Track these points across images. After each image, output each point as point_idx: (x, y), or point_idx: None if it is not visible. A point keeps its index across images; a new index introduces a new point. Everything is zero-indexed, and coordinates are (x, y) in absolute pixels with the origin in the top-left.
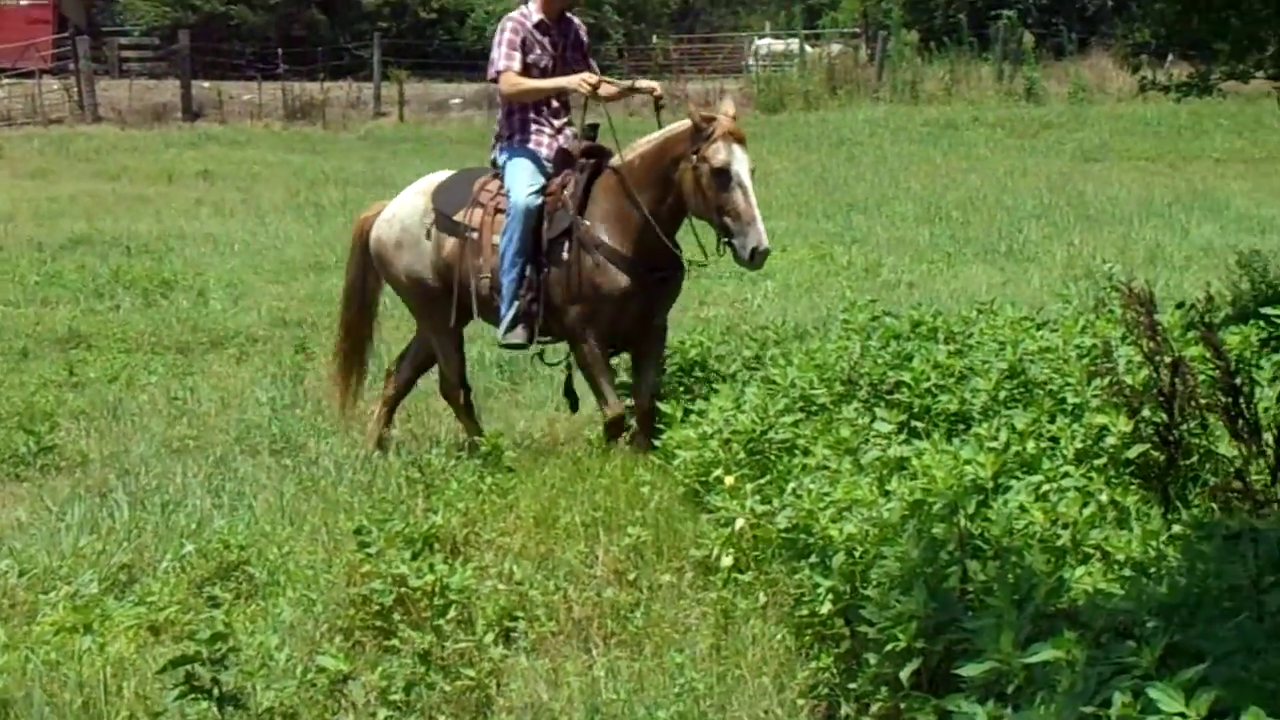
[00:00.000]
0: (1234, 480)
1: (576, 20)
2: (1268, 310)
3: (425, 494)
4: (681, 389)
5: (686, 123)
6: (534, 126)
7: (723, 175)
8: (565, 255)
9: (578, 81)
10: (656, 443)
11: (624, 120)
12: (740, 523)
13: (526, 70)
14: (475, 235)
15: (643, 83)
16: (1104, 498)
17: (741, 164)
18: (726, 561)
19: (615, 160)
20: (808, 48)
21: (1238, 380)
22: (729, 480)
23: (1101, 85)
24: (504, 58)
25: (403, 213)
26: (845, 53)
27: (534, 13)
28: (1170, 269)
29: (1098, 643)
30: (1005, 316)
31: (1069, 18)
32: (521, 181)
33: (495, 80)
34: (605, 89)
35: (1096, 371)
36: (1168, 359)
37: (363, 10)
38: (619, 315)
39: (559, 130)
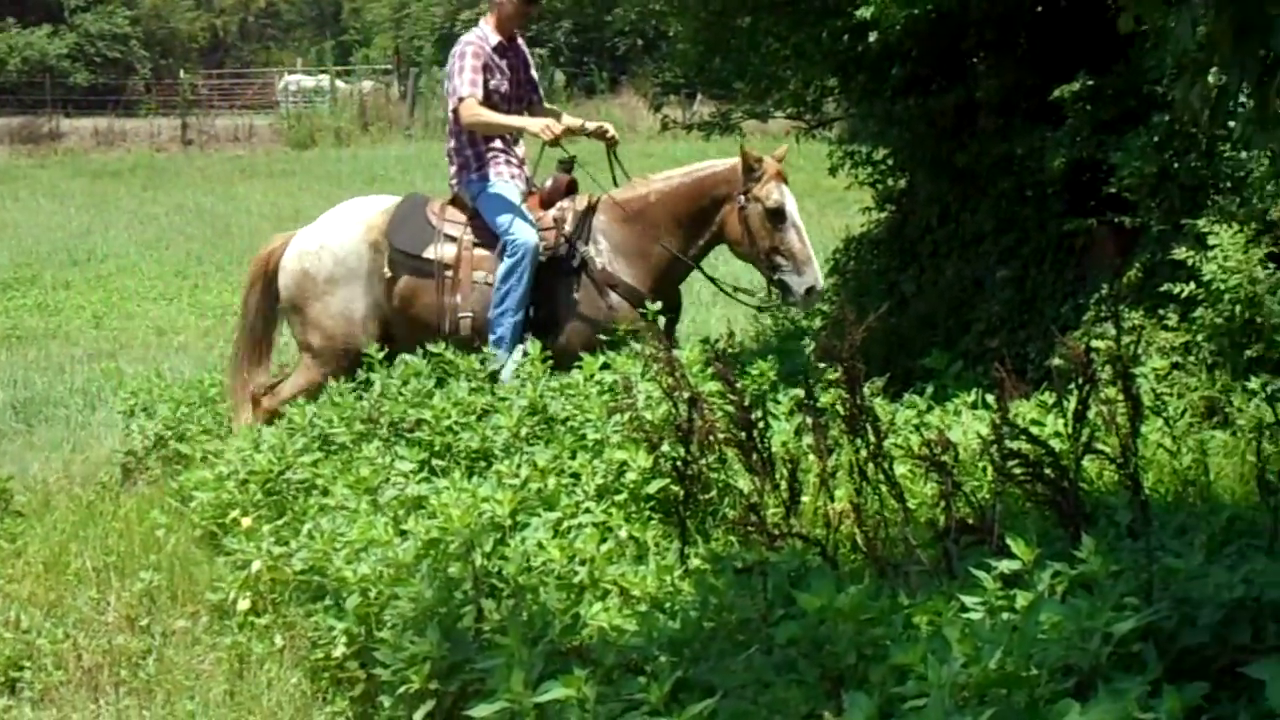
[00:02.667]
0: (749, 514)
1: (523, 43)
2: (788, 345)
3: None
4: (201, 429)
5: (723, 163)
6: (502, 157)
7: (778, 215)
8: (575, 294)
9: (540, 127)
10: None
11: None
12: (257, 565)
13: (487, 96)
14: (451, 273)
15: (590, 124)
16: (623, 533)
17: (792, 204)
18: (243, 605)
19: (619, 194)
20: (340, 84)
21: (753, 415)
22: (246, 522)
23: (633, 124)
24: (468, 84)
25: (335, 244)
26: (377, 89)
27: (491, 34)
28: (699, 305)
29: (609, 679)
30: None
31: (600, 57)
32: (520, 219)
33: (456, 109)
34: (560, 129)
35: (617, 407)
36: (686, 394)
37: None
38: None
39: (521, 162)
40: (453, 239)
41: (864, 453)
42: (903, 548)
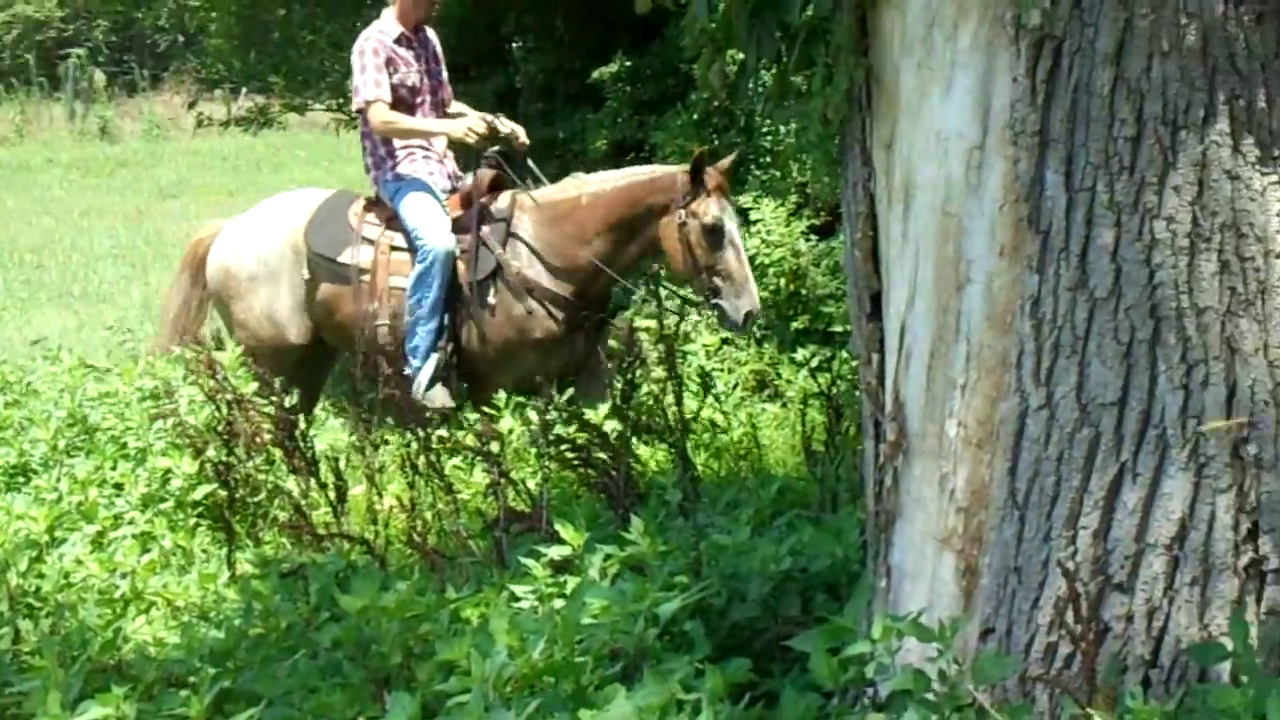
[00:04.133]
0: (297, 515)
1: (430, 31)
2: None
3: None
4: None
5: (660, 170)
6: (419, 152)
7: (716, 233)
8: (491, 299)
9: (463, 131)
10: None
11: None
12: None
13: (394, 91)
14: (367, 279)
15: (504, 124)
16: (167, 543)
17: (733, 222)
18: None
19: (545, 194)
20: None
21: (294, 417)
22: None
23: (177, 122)
24: (373, 85)
25: (257, 244)
26: None
27: (392, 26)
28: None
29: (150, 695)
30: (65, 364)
31: (141, 55)
32: (434, 221)
33: (362, 110)
34: (485, 128)
35: (160, 414)
36: (229, 397)
37: None
38: (544, 363)
39: (443, 156)
40: (370, 242)
41: (415, 446)
42: (454, 540)
